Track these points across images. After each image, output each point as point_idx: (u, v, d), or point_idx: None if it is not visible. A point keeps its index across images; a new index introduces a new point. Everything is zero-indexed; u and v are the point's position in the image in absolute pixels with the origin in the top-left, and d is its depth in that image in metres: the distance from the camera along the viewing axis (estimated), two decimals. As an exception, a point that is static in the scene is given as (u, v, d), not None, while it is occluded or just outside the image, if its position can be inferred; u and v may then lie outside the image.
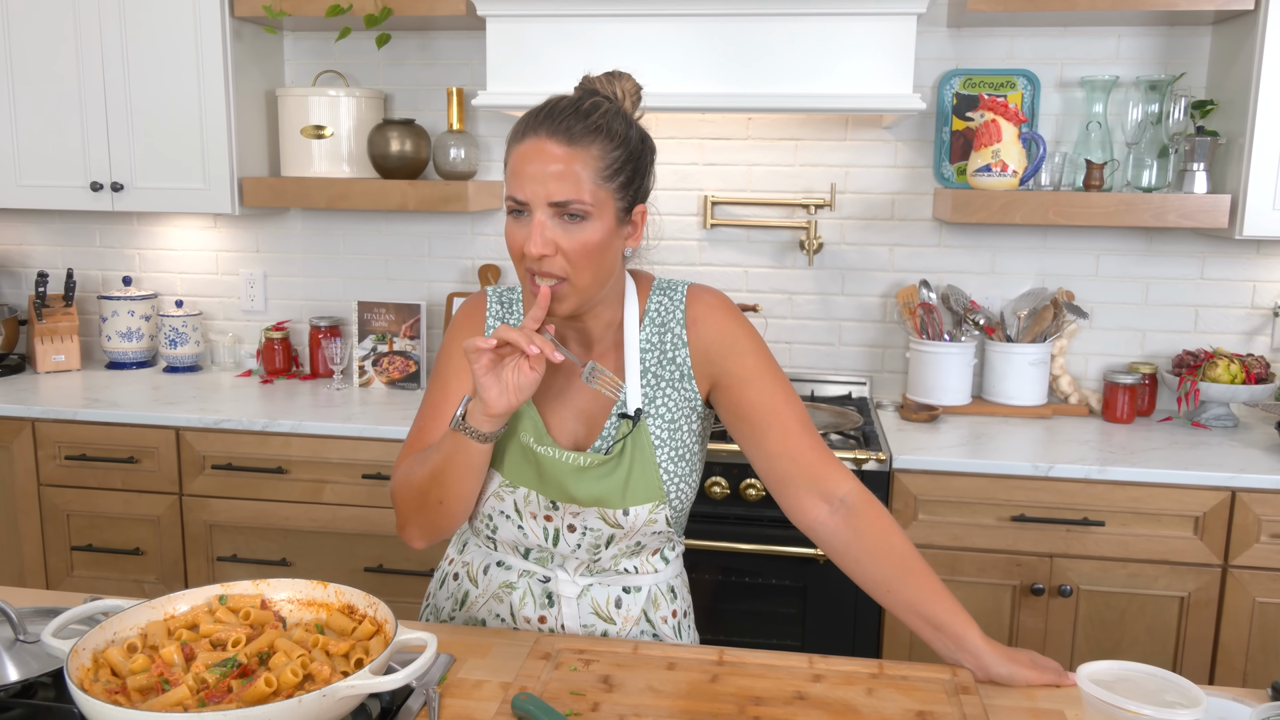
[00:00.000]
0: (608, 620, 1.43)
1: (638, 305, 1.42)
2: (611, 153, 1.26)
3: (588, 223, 1.26)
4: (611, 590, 1.44)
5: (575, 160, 1.24)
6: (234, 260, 3.17)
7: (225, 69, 2.73)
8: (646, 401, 1.39)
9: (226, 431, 2.58)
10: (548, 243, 1.25)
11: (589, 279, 1.29)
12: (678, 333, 1.40)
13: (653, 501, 1.37)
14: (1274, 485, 2.22)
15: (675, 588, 1.49)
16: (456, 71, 2.97)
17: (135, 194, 2.82)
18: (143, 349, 3.13)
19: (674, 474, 1.39)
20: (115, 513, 2.66)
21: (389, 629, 1.21)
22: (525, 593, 1.44)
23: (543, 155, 1.25)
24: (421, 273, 3.09)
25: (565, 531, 1.40)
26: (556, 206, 1.25)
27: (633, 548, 1.42)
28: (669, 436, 1.39)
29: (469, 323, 1.48)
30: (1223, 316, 2.78)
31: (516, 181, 1.27)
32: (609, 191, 1.27)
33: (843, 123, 2.84)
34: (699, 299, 1.42)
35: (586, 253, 1.27)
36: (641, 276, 1.45)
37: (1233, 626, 2.28)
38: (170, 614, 1.26)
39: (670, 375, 1.40)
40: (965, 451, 2.38)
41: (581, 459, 1.36)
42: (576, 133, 1.25)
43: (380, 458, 2.53)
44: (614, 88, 1.33)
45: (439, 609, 1.55)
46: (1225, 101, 2.56)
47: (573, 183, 1.24)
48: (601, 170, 1.26)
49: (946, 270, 2.86)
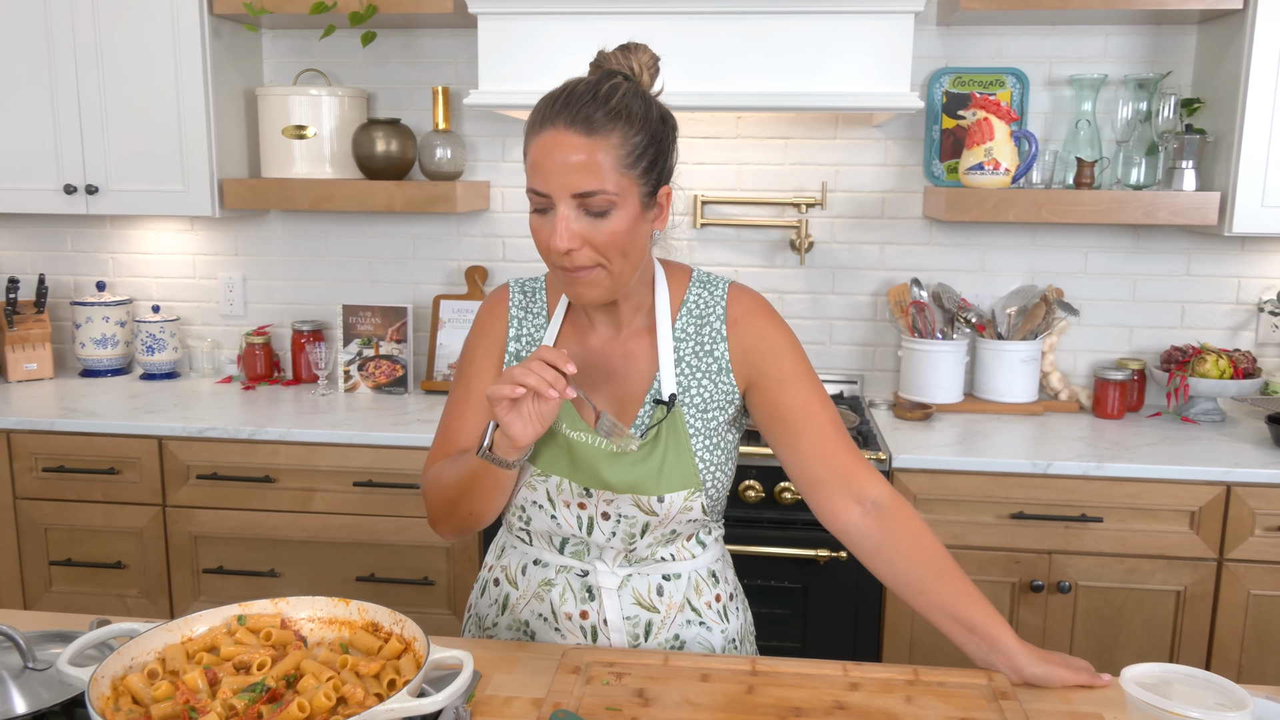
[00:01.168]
0: (650, 609, 1.41)
1: (669, 294, 1.40)
2: (633, 138, 1.23)
3: (613, 213, 1.24)
4: (651, 579, 1.41)
5: (597, 150, 1.21)
6: (212, 264, 3.10)
7: (204, 67, 2.66)
8: (681, 390, 1.37)
9: (211, 440, 2.52)
10: (574, 236, 1.23)
11: (620, 265, 1.27)
12: (717, 328, 1.39)
13: (688, 488, 1.36)
14: (1268, 479, 2.25)
15: (716, 571, 1.47)
16: (441, 70, 2.92)
17: (111, 197, 2.74)
18: (118, 356, 3.05)
19: (709, 462, 1.37)
20: (96, 525, 2.59)
21: (419, 647, 1.18)
22: (564, 589, 1.42)
23: (563, 146, 1.21)
24: (406, 275, 3.04)
25: (599, 519, 1.38)
26: (580, 198, 1.22)
27: (668, 536, 1.40)
28: (703, 425, 1.37)
29: (492, 317, 1.46)
30: (1208, 312, 2.81)
31: (538, 174, 1.24)
32: (632, 178, 1.24)
33: (832, 121, 2.83)
34: (740, 299, 1.41)
35: (615, 243, 1.25)
36: (676, 267, 1.44)
37: (1228, 620, 2.30)
38: (188, 636, 1.22)
39: (707, 367, 1.39)
40: (962, 449, 2.38)
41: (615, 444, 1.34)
42: (597, 120, 1.21)
43: (371, 464, 2.48)
44: (630, 62, 1.29)
45: (482, 618, 1.52)
46: (1212, 100, 2.59)
47: (595, 173, 1.21)
48: (624, 158, 1.23)
49: (936, 268, 2.87)
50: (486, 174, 2.96)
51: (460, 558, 2.50)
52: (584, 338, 1.42)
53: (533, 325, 1.44)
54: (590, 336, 1.41)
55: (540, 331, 1.44)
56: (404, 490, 2.48)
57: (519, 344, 1.44)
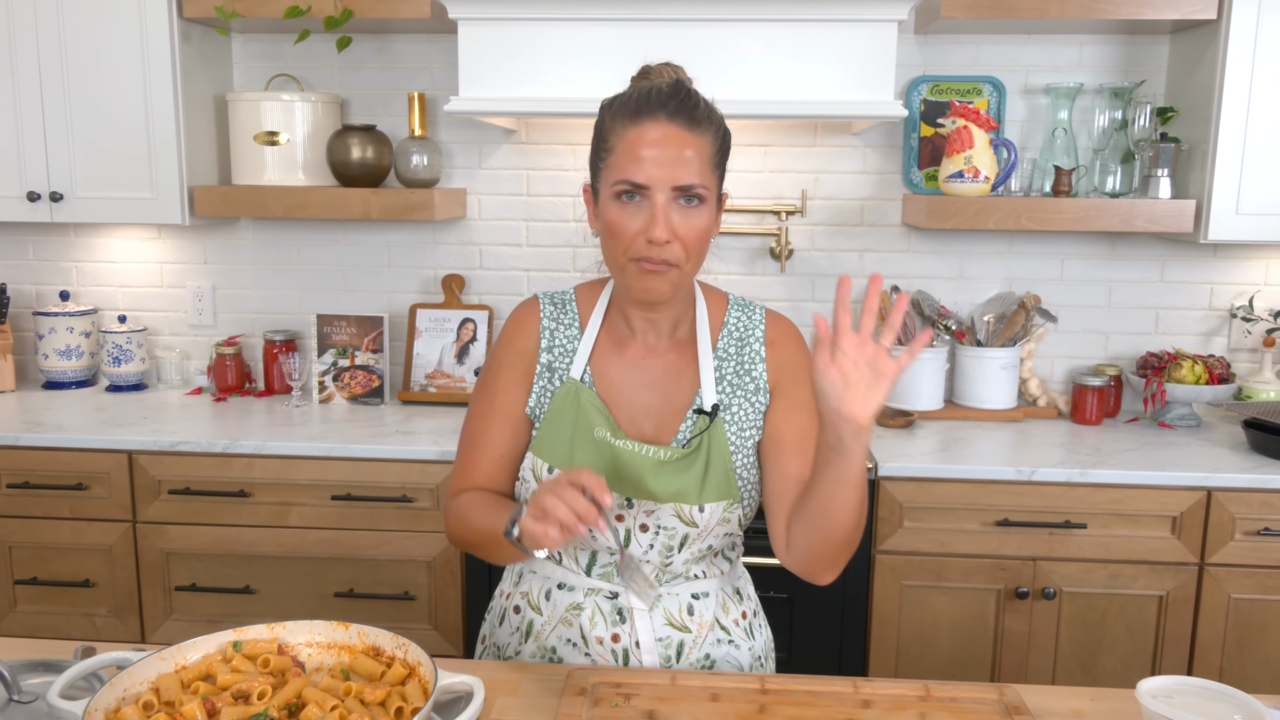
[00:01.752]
0: (682, 629, 1.40)
1: (709, 313, 1.43)
2: (717, 139, 1.30)
3: (703, 208, 1.28)
4: (681, 598, 1.40)
5: (698, 145, 1.26)
6: (180, 273, 3.02)
7: (174, 72, 2.60)
8: (723, 408, 1.38)
9: (184, 454, 2.45)
10: (670, 229, 1.25)
11: (694, 265, 1.31)
12: (756, 349, 1.41)
13: (727, 500, 1.36)
14: (1247, 484, 2.27)
15: (740, 589, 1.48)
16: (416, 76, 2.88)
17: (76, 204, 2.67)
18: (83, 367, 2.96)
19: (746, 479, 1.39)
20: (63, 543, 2.51)
21: (424, 672, 1.14)
22: (594, 612, 1.40)
23: (668, 138, 1.25)
24: (381, 284, 2.99)
25: (637, 532, 1.37)
26: (680, 190, 1.25)
27: (704, 551, 1.40)
28: (740, 442, 1.39)
29: (521, 330, 1.45)
30: (1182, 318, 2.84)
31: (635, 165, 1.25)
32: (716, 178, 1.30)
33: (811, 129, 2.82)
34: (778, 322, 1.45)
35: (700, 238, 1.29)
36: (712, 290, 1.47)
37: (1209, 623, 2.33)
38: (181, 664, 1.17)
39: (746, 386, 1.40)
40: (945, 457, 2.39)
41: (662, 453, 1.34)
42: (696, 117, 1.27)
43: (350, 478, 2.43)
44: (679, 76, 1.35)
45: (502, 647, 1.49)
46: (1185, 108, 2.62)
47: (696, 168, 1.26)
48: (713, 156, 1.29)
49: (915, 275, 2.87)
50: (463, 181, 2.92)
51: (442, 571, 2.46)
52: (622, 348, 1.41)
53: (565, 336, 1.44)
54: (629, 346, 1.41)
55: (574, 342, 1.42)
56: (383, 503, 2.43)
57: (551, 355, 1.43)
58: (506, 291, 2.96)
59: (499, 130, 2.88)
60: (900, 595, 2.37)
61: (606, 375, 1.40)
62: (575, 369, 1.40)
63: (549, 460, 1.38)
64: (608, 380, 1.40)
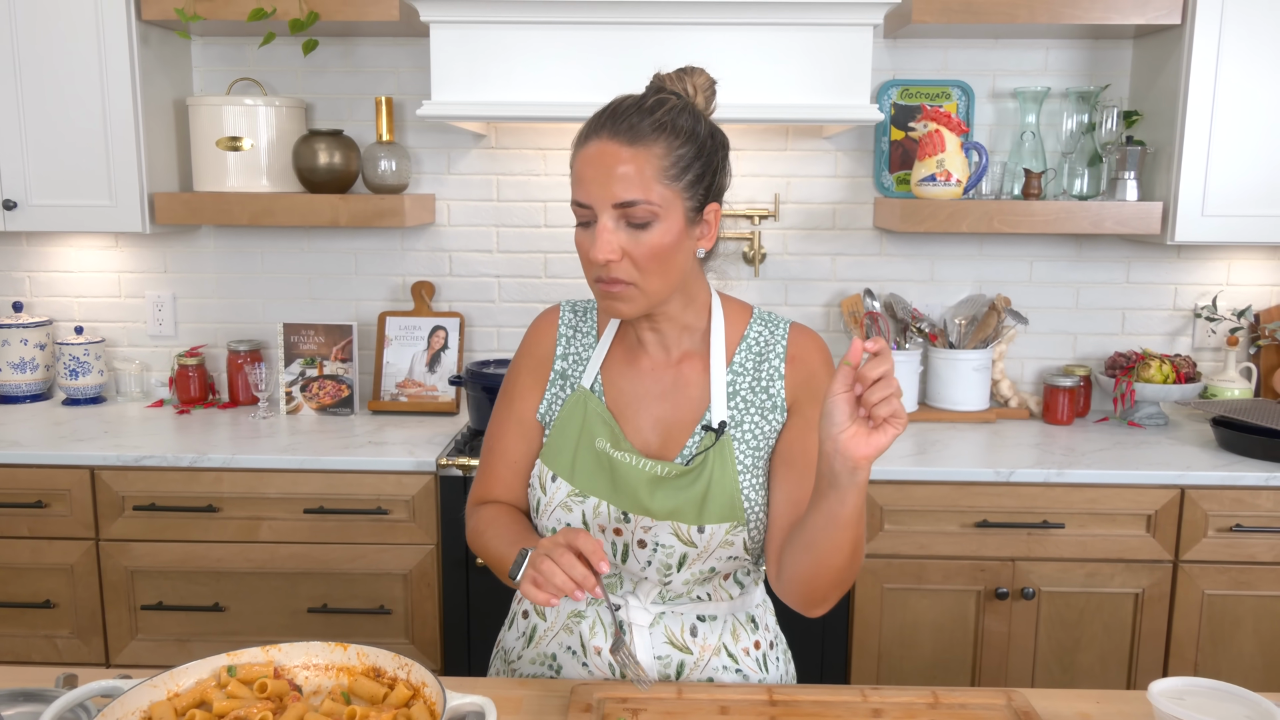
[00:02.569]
0: (684, 650, 1.36)
1: (727, 326, 1.38)
2: (677, 150, 1.22)
3: (655, 225, 1.22)
4: (685, 618, 1.37)
5: (639, 159, 1.21)
6: (138, 282, 2.94)
7: (133, 76, 2.52)
8: (733, 425, 1.34)
9: (149, 469, 2.38)
10: (614, 248, 1.22)
11: (657, 284, 1.25)
12: (776, 365, 1.36)
13: (730, 522, 1.31)
14: (1218, 481, 2.31)
15: (756, 617, 1.43)
16: (383, 80, 2.83)
17: (31, 212, 2.58)
18: (38, 380, 2.87)
19: (754, 501, 1.33)
20: (21, 563, 2.42)
21: (429, 693, 1.11)
22: (595, 621, 1.37)
23: (605, 156, 1.21)
24: (349, 291, 2.93)
25: (635, 547, 1.33)
26: (621, 209, 1.21)
27: (706, 573, 1.34)
28: (752, 462, 1.33)
29: (540, 336, 1.44)
30: (1147, 319, 2.88)
31: (580, 185, 1.23)
32: (676, 191, 1.23)
33: (783, 133, 2.82)
34: (802, 337, 1.39)
35: (655, 256, 1.23)
36: (736, 303, 1.42)
37: (1184, 620, 2.36)
38: (174, 691, 1.13)
39: (762, 403, 1.35)
40: (923, 459, 2.39)
41: (660, 468, 1.31)
42: (640, 130, 1.21)
43: (322, 490, 2.38)
44: (685, 84, 1.30)
45: (508, 651, 1.47)
46: (1149, 112, 2.66)
47: (636, 183, 1.20)
48: (667, 169, 1.22)
49: (887, 279, 2.89)
50: (431, 187, 2.88)
51: (418, 584, 2.41)
52: (634, 359, 1.38)
53: (580, 345, 1.41)
54: (641, 358, 1.38)
55: (589, 351, 1.40)
56: (357, 515, 2.38)
57: (565, 362, 1.41)
58: (477, 298, 2.92)
59: (468, 135, 2.84)
60: (881, 598, 2.37)
61: (616, 385, 1.38)
62: (586, 378, 1.39)
63: (554, 468, 1.36)
64: (617, 390, 1.37)
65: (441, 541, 2.39)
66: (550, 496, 1.35)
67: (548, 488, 1.36)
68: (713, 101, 1.33)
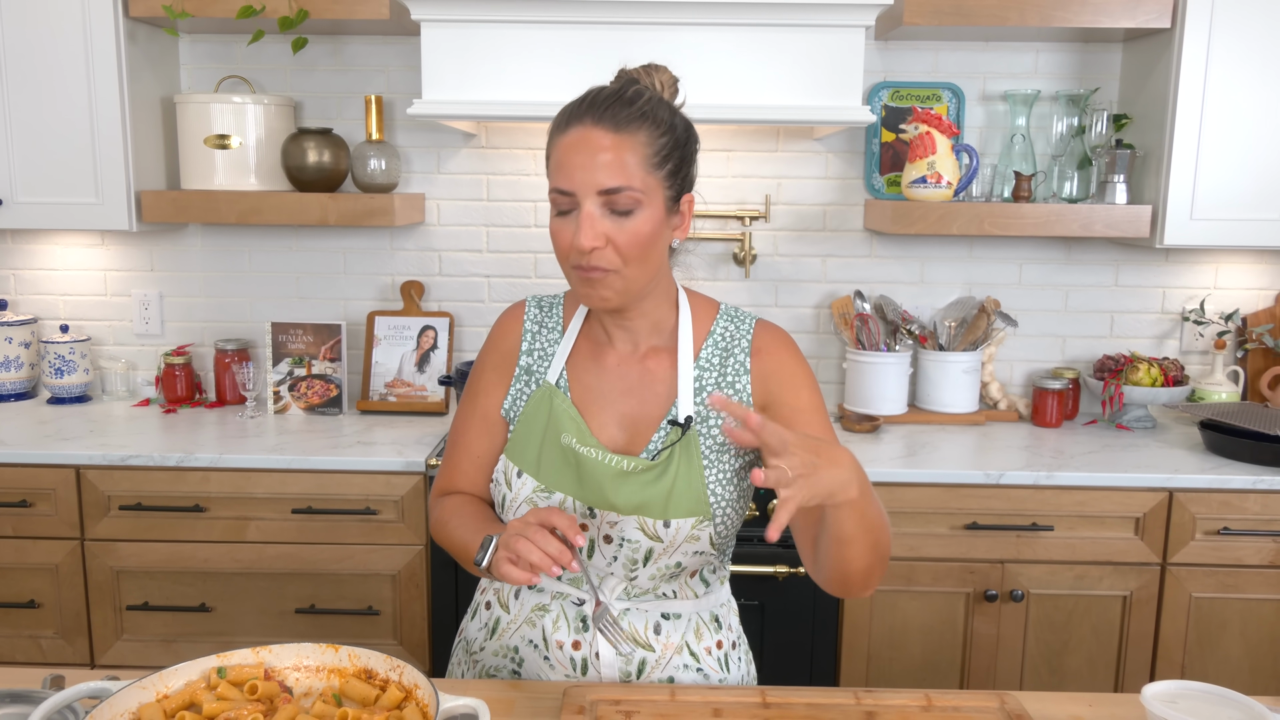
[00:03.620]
0: (646, 647, 1.36)
1: (694, 322, 1.39)
2: (659, 139, 1.24)
3: (639, 212, 1.23)
4: (650, 616, 1.36)
5: (623, 147, 1.21)
6: (125, 280, 2.92)
7: (120, 73, 2.50)
8: (699, 420, 1.34)
9: (135, 468, 2.36)
10: (599, 235, 1.22)
11: (638, 271, 1.26)
12: (741, 360, 1.37)
13: (696, 516, 1.31)
14: (1207, 484, 2.32)
15: (720, 617, 1.43)
16: (372, 78, 2.82)
17: (16, 210, 2.56)
18: (23, 379, 2.84)
19: (721, 496, 1.34)
20: (6, 562, 2.40)
21: (422, 695, 1.10)
22: (559, 615, 1.36)
23: (589, 143, 1.21)
24: (337, 291, 2.91)
25: (601, 543, 1.33)
26: (606, 195, 1.21)
27: (672, 569, 1.35)
28: (717, 458, 1.34)
29: (505, 332, 1.44)
30: (1135, 322, 2.90)
31: (563, 172, 1.22)
32: (658, 179, 1.25)
33: (774, 134, 2.82)
34: (767, 331, 1.41)
35: (639, 243, 1.23)
36: (702, 299, 1.43)
37: (1171, 622, 2.37)
38: (163, 693, 1.12)
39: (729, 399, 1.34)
40: (912, 461, 2.40)
41: (625, 463, 1.31)
42: (623, 119, 1.22)
43: (311, 490, 2.36)
44: (652, 79, 1.31)
45: (470, 642, 1.47)
46: (1139, 115, 2.67)
47: (622, 169, 1.21)
48: (649, 157, 1.23)
49: (877, 280, 2.89)
50: (421, 186, 2.86)
51: (407, 585, 2.40)
52: (600, 354, 1.38)
53: (546, 340, 1.41)
54: (607, 353, 1.38)
55: (554, 346, 1.40)
56: (346, 516, 2.37)
57: (530, 358, 1.41)
58: (467, 298, 2.91)
59: (458, 134, 2.83)
60: (871, 600, 2.37)
61: (582, 381, 1.38)
62: (551, 373, 1.39)
63: (519, 464, 1.36)
64: (583, 386, 1.37)
65: (430, 543, 2.38)
66: (516, 492, 1.35)
67: (513, 483, 1.36)
68: (676, 98, 1.34)
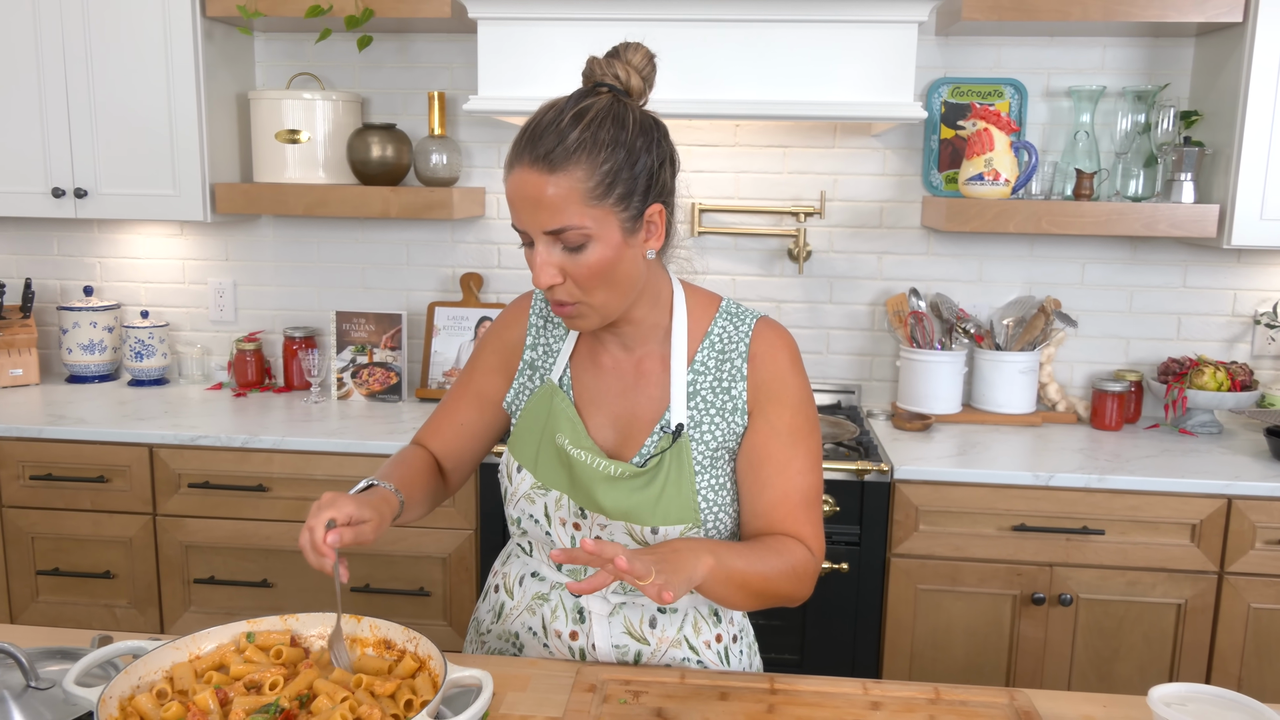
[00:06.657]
0: (641, 640, 1.37)
1: (690, 321, 1.36)
2: (600, 168, 1.18)
3: (590, 246, 1.20)
4: (645, 610, 1.38)
5: (559, 185, 1.17)
6: (201, 269, 3.05)
7: (197, 70, 2.62)
8: (692, 425, 1.33)
9: (204, 448, 2.47)
10: (554, 273, 1.21)
11: (606, 297, 1.25)
12: (738, 365, 1.34)
13: (685, 524, 1.30)
14: (1268, 492, 2.25)
15: (719, 610, 1.42)
16: (436, 75, 2.89)
17: (100, 200, 2.70)
18: (105, 362, 3.00)
19: (713, 502, 1.32)
20: (84, 534, 2.54)
21: (434, 665, 1.15)
22: (557, 605, 1.39)
23: (526, 185, 1.19)
24: (400, 282, 3.00)
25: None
26: (552, 235, 1.20)
27: None
28: (710, 464, 1.32)
29: (512, 321, 1.47)
30: (1204, 324, 2.81)
31: (513, 213, 1.23)
32: (605, 208, 1.19)
33: (831, 130, 2.82)
34: (765, 335, 1.35)
35: (596, 275, 1.22)
36: (703, 294, 1.40)
37: (1228, 633, 2.30)
38: (195, 654, 1.18)
39: (723, 404, 1.33)
40: (962, 461, 2.37)
41: (613, 468, 1.31)
42: (557, 157, 1.17)
43: (367, 473, 2.43)
44: (616, 69, 1.24)
45: (480, 622, 1.51)
46: (1209, 112, 2.59)
47: (561, 210, 1.18)
48: (590, 190, 1.18)
49: (934, 278, 2.86)
50: (482, 180, 2.93)
51: (457, 568, 2.47)
52: (596, 355, 1.39)
53: (551, 336, 1.43)
54: (602, 355, 1.39)
55: (559, 343, 1.42)
56: (400, 500, 2.44)
57: (535, 353, 1.43)
58: (524, 290, 2.96)
59: (517, 130, 2.88)
60: (915, 599, 2.36)
61: (582, 381, 1.38)
62: (555, 372, 1.40)
63: (519, 459, 1.38)
64: (583, 386, 1.38)
65: (480, 527, 2.44)
66: (516, 486, 1.38)
67: (514, 477, 1.39)
68: (652, 79, 1.27)
